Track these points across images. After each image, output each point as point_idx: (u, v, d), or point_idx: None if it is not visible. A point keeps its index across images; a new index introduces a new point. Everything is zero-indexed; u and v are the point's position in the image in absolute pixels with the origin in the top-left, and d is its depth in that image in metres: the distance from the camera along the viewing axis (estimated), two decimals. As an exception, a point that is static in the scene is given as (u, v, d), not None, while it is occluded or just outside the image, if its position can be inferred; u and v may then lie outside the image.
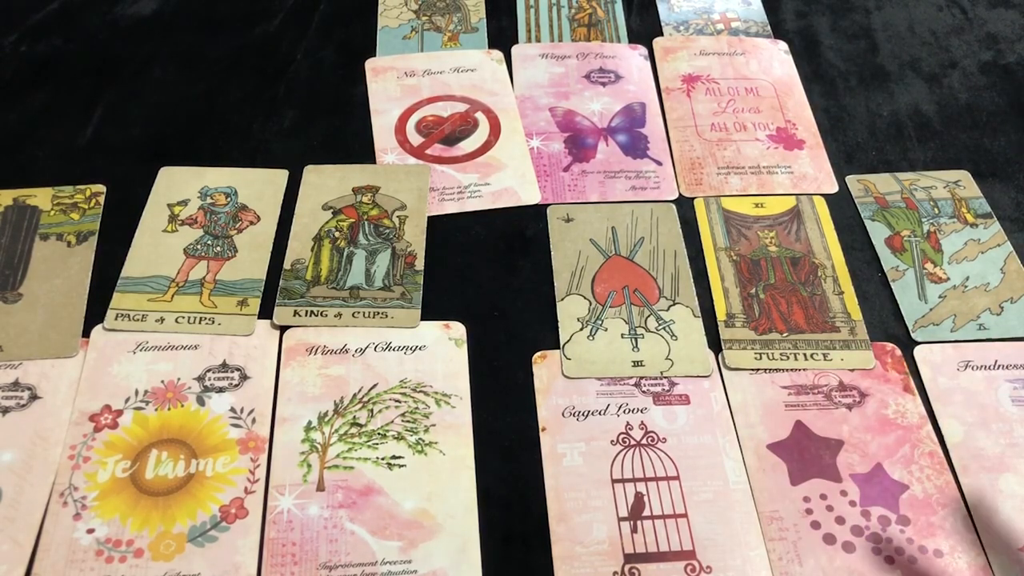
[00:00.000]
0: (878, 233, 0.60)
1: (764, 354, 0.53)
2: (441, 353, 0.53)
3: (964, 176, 0.63)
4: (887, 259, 0.58)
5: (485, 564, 0.45)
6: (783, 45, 0.75)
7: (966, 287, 0.56)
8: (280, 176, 0.62)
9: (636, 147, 0.66)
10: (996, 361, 0.53)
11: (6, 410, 0.49)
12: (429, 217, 0.60)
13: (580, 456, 0.49)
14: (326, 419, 0.50)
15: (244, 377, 0.51)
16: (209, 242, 0.58)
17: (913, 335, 0.54)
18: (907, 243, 0.59)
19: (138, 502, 0.46)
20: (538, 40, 0.75)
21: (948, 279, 0.57)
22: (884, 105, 0.70)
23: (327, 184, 0.62)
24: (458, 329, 0.54)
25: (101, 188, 0.61)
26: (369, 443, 0.49)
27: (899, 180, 0.62)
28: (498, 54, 0.73)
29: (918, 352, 0.54)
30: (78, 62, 0.71)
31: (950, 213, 0.61)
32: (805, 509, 0.47)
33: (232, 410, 0.50)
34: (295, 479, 0.48)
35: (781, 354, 0.53)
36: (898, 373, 0.53)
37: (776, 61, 0.73)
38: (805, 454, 0.49)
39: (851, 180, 0.63)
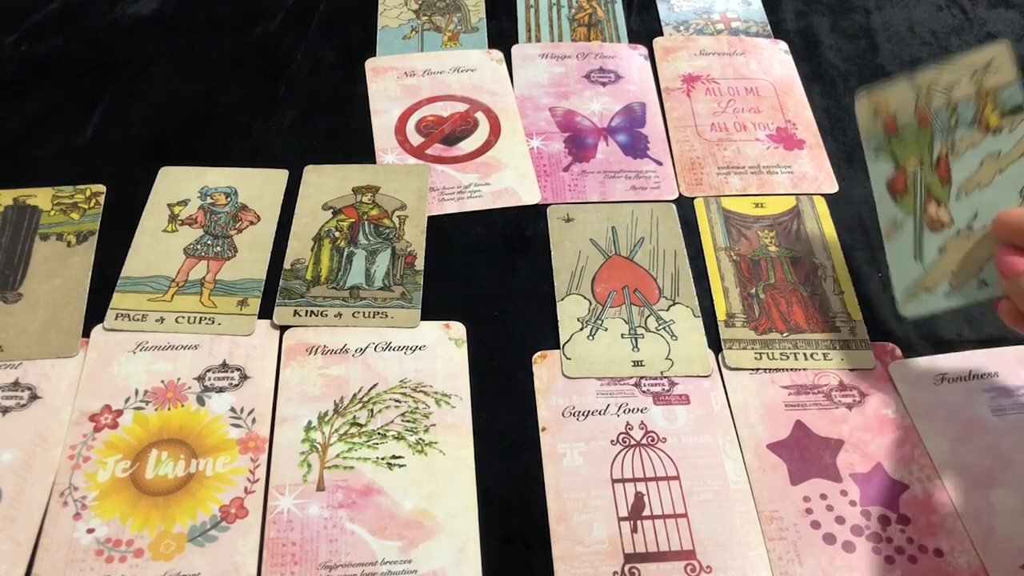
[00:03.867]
0: (880, 175, 0.49)
1: (764, 354, 0.53)
2: (441, 353, 0.53)
3: (1000, 53, 0.46)
4: (886, 211, 0.48)
5: (485, 564, 0.45)
6: (783, 45, 0.75)
7: (972, 228, 0.44)
8: (280, 176, 0.62)
9: (636, 147, 0.66)
10: (971, 372, 0.52)
11: (6, 410, 0.49)
12: (429, 217, 0.60)
13: (580, 456, 0.49)
14: (326, 419, 0.50)
15: (244, 377, 0.51)
16: (209, 242, 0.58)
17: (901, 311, 0.47)
18: (911, 180, 0.47)
19: (138, 502, 0.46)
20: (538, 40, 0.75)
21: (952, 222, 0.45)
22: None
23: (327, 184, 0.62)
24: (458, 329, 0.54)
25: (101, 188, 0.61)
26: (369, 443, 0.49)
27: (916, 85, 0.48)
28: (498, 54, 0.73)
29: (893, 369, 0.52)
30: (78, 62, 0.71)
31: (970, 119, 0.46)
32: (805, 509, 0.47)
33: (232, 410, 0.50)
34: (295, 479, 0.48)
35: (781, 354, 0.53)
36: (898, 373, 0.53)
37: (776, 61, 0.73)
38: (805, 454, 0.49)
39: (861, 100, 0.51)
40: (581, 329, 0.54)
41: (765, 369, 0.53)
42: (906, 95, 0.49)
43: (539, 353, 0.53)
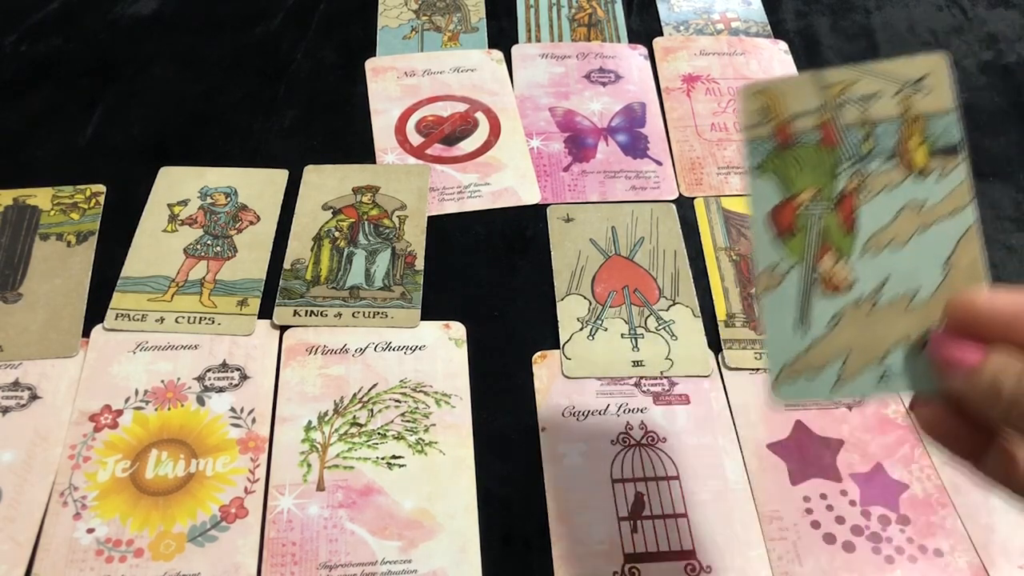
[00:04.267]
0: (762, 200, 0.35)
1: (764, 354, 0.53)
2: (441, 353, 0.53)
3: (936, 68, 0.35)
4: (764, 252, 0.35)
5: (485, 564, 0.45)
6: (783, 45, 0.75)
7: (878, 299, 0.33)
8: (280, 176, 0.62)
9: (636, 147, 0.66)
10: None
11: (6, 410, 0.49)
12: (429, 217, 0.60)
13: (580, 456, 0.49)
14: (326, 419, 0.50)
15: (244, 377, 0.51)
16: (209, 242, 0.58)
17: (773, 393, 0.33)
18: (802, 217, 0.35)
19: (138, 502, 0.46)
20: (538, 40, 0.75)
21: (852, 286, 0.33)
22: (884, 105, 0.70)
23: (327, 184, 0.62)
24: (458, 329, 0.54)
25: (101, 188, 0.61)
26: (369, 443, 0.49)
27: (823, 86, 0.35)
28: (498, 54, 0.73)
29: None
30: (78, 62, 0.71)
31: (889, 150, 0.34)
32: (805, 509, 0.47)
33: (232, 410, 0.50)
34: (295, 479, 0.48)
35: (781, 354, 0.53)
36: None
37: (776, 61, 0.73)
38: (805, 454, 0.49)
39: (747, 91, 0.36)
40: (581, 329, 0.54)
41: (765, 369, 0.53)
42: (808, 97, 0.36)
43: (539, 353, 0.53)
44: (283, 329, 0.54)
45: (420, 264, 0.57)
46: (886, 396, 0.35)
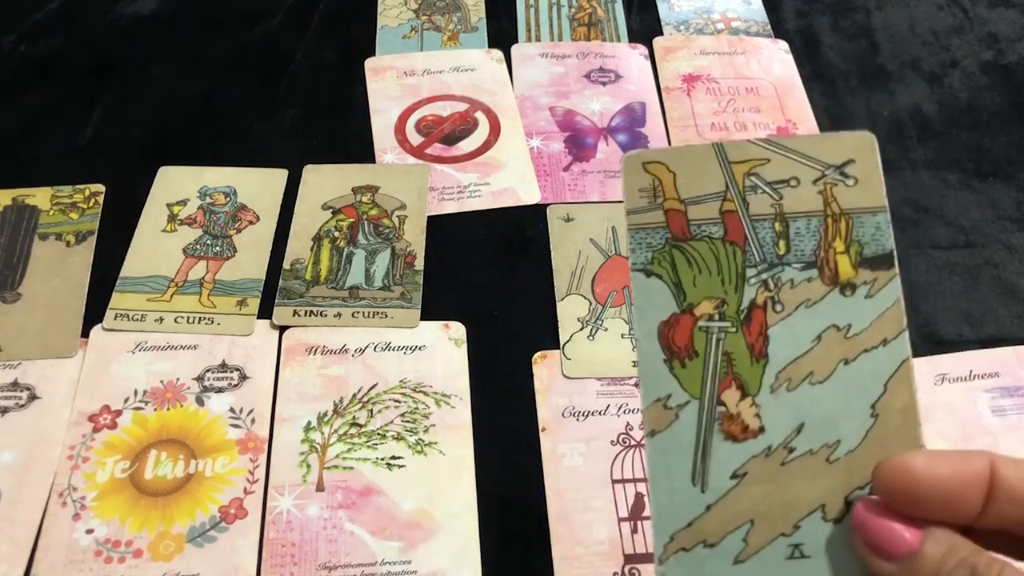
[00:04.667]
0: (650, 311, 0.28)
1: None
2: (441, 353, 0.53)
3: (863, 149, 0.28)
4: (652, 379, 0.27)
5: (485, 564, 0.45)
6: (783, 45, 0.75)
7: (791, 451, 0.26)
8: (279, 176, 0.62)
9: (636, 147, 0.66)
10: (971, 372, 0.52)
11: (5, 410, 0.49)
12: (429, 217, 0.60)
13: (580, 456, 0.49)
14: (325, 419, 0.50)
15: (243, 377, 0.51)
16: (208, 242, 0.58)
17: (659, 566, 0.26)
18: (701, 337, 0.28)
19: (137, 502, 0.46)
20: (538, 39, 0.74)
21: (761, 431, 0.27)
22: (884, 105, 0.70)
23: (327, 184, 0.62)
24: (458, 329, 0.54)
25: (100, 188, 0.61)
26: (369, 443, 0.49)
27: (725, 163, 0.28)
28: (498, 53, 0.73)
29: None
30: (77, 62, 0.71)
31: (808, 254, 0.27)
32: (805, 509, 0.47)
33: (231, 410, 0.50)
34: (294, 479, 0.47)
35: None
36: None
37: (776, 61, 0.73)
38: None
39: (631, 164, 0.29)
40: (581, 329, 0.54)
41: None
42: (709, 176, 0.28)
43: (539, 353, 0.53)
44: (282, 329, 0.54)
45: (420, 264, 0.57)
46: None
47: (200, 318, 0.54)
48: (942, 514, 0.24)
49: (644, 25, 0.77)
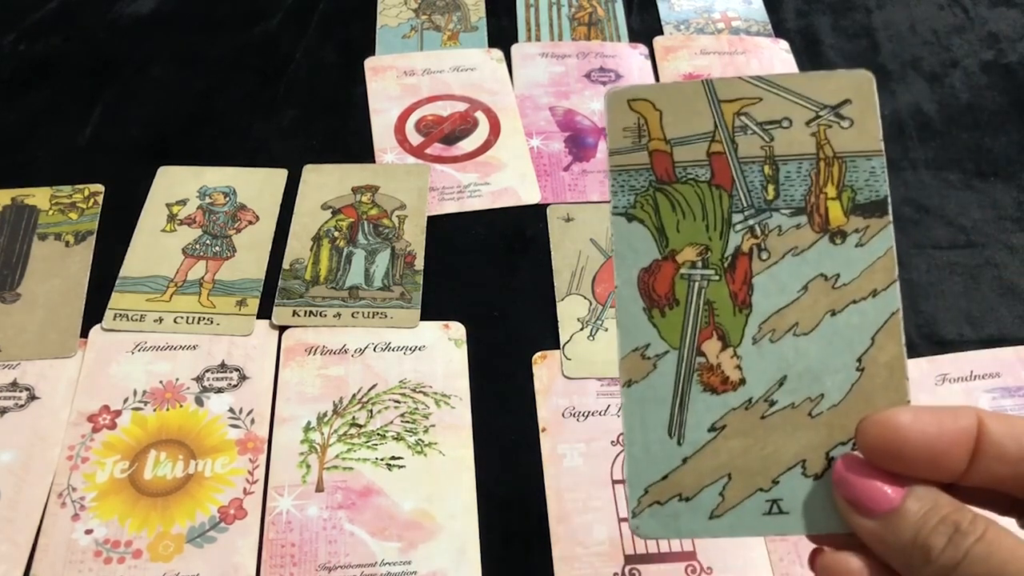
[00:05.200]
0: (630, 256, 0.27)
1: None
2: (441, 353, 0.53)
3: (861, 88, 0.27)
4: (630, 327, 0.27)
5: (485, 564, 0.45)
6: (784, 44, 0.75)
7: (772, 404, 0.26)
8: (279, 176, 0.62)
9: (636, 146, 0.66)
10: (971, 372, 0.52)
11: (4, 410, 0.49)
12: (429, 217, 0.60)
13: (580, 457, 0.49)
14: (325, 419, 0.50)
15: (243, 377, 0.51)
16: (208, 242, 0.58)
17: (633, 523, 0.26)
18: (682, 286, 0.27)
19: (137, 503, 0.46)
20: (538, 39, 0.74)
21: (742, 383, 0.26)
22: (885, 104, 0.70)
23: (326, 184, 0.62)
24: (458, 329, 0.54)
25: (99, 188, 0.61)
26: (368, 444, 0.49)
27: (714, 101, 0.27)
28: (498, 53, 0.72)
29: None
30: (77, 61, 0.71)
31: (798, 200, 0.26)
32: (806, 510, 0.47)
33: (231, 410, 0.50)
34: (294, 480, 0.47)
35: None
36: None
37: (777, 60, 0.73)
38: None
39: (614, 100, 0.28)
40: (581, 329, 0.54)
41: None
42: (697, 115, 0.27)
43: (539, 353, 0.53)
44: (282, 329, 0.53)
45: (420, 264, 0.57)
46: (777, 535, 0.26)
47: (199, 318, 0.54)
48: (926, 471, 0.23)
49: (644, 25, 0.77)
